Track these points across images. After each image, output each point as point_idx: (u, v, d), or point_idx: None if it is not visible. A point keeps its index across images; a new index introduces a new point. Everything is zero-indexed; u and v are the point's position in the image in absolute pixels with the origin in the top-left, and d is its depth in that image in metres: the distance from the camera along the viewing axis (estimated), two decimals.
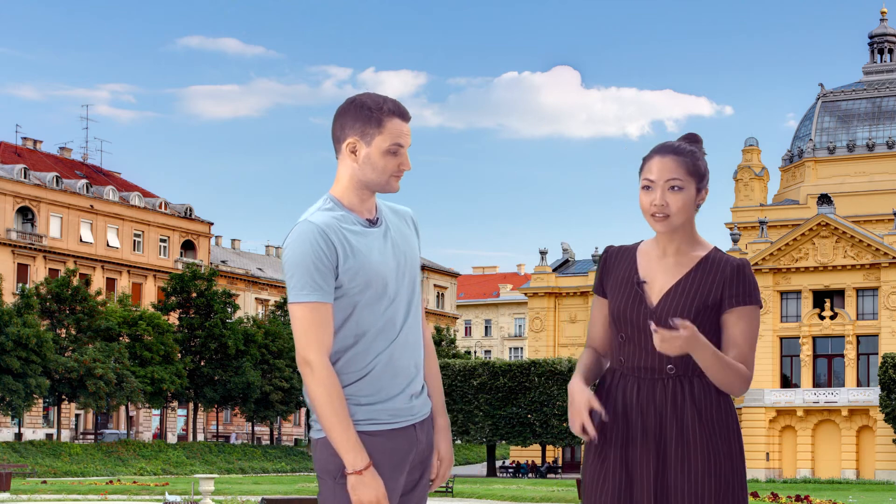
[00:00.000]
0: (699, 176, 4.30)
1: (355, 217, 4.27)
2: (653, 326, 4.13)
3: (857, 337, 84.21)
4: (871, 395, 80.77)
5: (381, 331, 4.25)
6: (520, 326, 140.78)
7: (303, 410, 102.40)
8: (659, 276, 4.33)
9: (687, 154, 4.31)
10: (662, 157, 4.30)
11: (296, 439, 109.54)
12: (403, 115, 4.27)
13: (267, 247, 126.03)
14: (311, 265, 4.15)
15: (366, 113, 4.24)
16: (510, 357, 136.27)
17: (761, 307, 4.32)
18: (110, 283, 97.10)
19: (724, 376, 4.19)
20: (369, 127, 4.24)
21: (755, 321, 4.28)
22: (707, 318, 4.26)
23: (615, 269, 4.42)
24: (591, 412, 4.31)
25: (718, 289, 4.27)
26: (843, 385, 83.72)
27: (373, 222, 4.30)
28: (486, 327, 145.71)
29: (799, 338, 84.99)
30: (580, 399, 4.30)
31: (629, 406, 4.32)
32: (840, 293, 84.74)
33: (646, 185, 4.30)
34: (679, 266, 4.32)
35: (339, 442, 4.14)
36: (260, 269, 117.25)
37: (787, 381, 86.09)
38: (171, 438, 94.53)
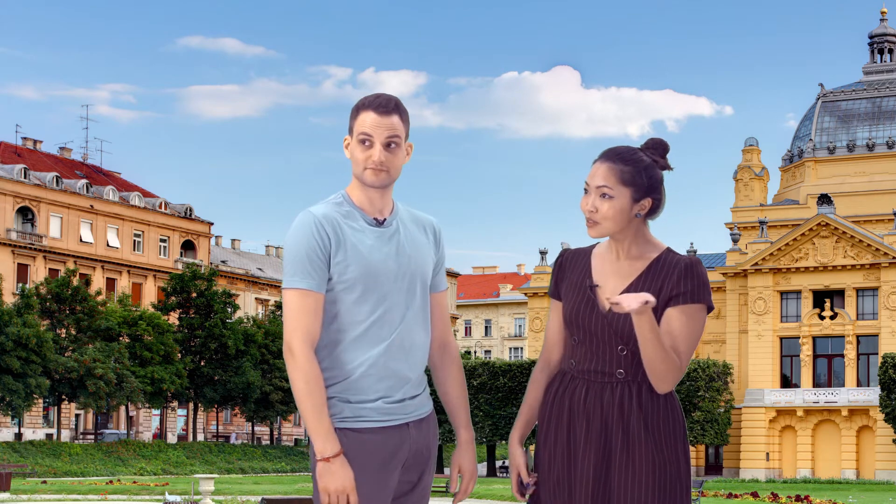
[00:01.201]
0: (636, 186, 4.25)
1: (361, 214, 4.30)
2: (606, 301, 4.15)
3: (857, 337, 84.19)
4: (871, 395, 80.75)
5: (370, 329, 4.26)
6: (520, 326, 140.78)
7: None
8: (611, 279, 4.33)
9: (627, 162, 4.26)
10: (601, 163, 4.28)
11: (296, 439, 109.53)
12: (378, 108, 4.30)
13: (267, 247, 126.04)
14: (305, 254, 4.20)
15: (353, 111, 4.35)
16: (510, 357, 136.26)
17: (711, 308, 4.26)
18: (110, 283, 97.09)
19: (659, 360, 4.14)
20: (351, 121, 4.35)
21: (699, 321, 4.22)
22: (658, 321, 4.23)
23: (570, 272, 4.42)
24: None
25: (668, 289, 4.24)
26: (843, 385, 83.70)
27: (381, 222, 4.32)
28: (486, 327, 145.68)
29: (799, 338, 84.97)
30: (513, 465, 4.42)
31: (576, 409, 4.34)
32: (840, 293, 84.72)
33: (584, 188, 4.31)
34: (631, 269, 4.32)
35: (311, 427, 4.18)
36: (260, 269, 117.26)
37: (787, 381, 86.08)
38: (171, 438, 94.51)
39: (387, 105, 4.31)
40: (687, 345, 4.20)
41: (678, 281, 4.24)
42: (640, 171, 4.26)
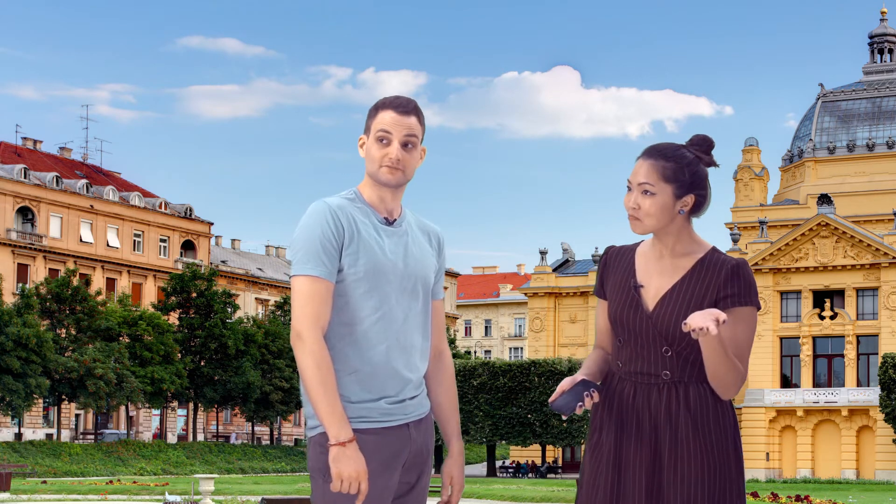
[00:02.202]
0: (679, 182, 4.22)
1: (372, 212, 4.33)
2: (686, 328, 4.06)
3: (857, 337, 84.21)
4: (871, 395, 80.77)
5: (374, 328, 4.26)
6: (520, 326, 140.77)
7: (302, 410, 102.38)
8: (655, 278, 4.29)
9: (669, 159, 4.24)
10: (644, 160, 4.26)
11: (296, 439, 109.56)
12: (398, 107, 4.35)
13: (267, 247, 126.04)
14: (318, 242, 4.21)
15: (371, 111, 4.38)
16: (510, 357, 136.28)
17: (759, 308, 4.27)
18: (110, 283, 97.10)
19: (727, 372, 4.15)
20: (369, 120, 4.38)
21: (753, 322, 4.22)
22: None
23: (614, 271, 4.38)
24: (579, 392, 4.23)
25: (715, 291, 4.22)
26: (843, 385, 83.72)
27: (391, 222, 4.35)
28: (486, 327, 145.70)
29: (799, 338, 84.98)
30: (567, 380, 4.27)
31: (625, 410, 4.30)
32: (840, 293, 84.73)
33: (628, 185, 4.29)
34: (676, 268, 4.28)
35: (323, 413, 4.15)
36: (260, 269, 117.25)
37: (787, 381, 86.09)
38: (171, 438, 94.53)
39: (406, 105, 4.36)
40: (745, 348, 4.20)
41: (725, 283, 4.22)
42: (683, 167, 4.23)
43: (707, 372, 4.18)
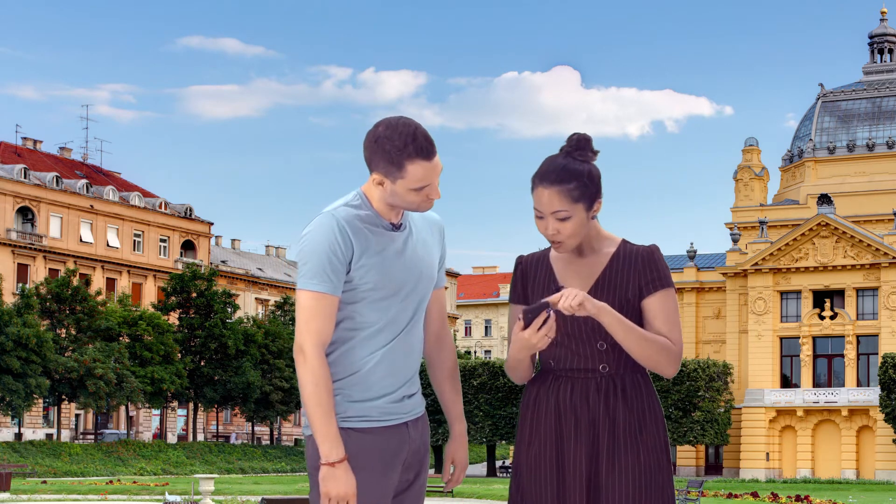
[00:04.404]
0: (587, 196, 4.29)
1: (379, 218, 4.30)
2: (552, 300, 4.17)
3: (857, 337, 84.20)
4: (871, 395, 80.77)
5: (382, 329, 4.28)
6: None
7: (303, 410, 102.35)
8: (576, 279, 4.38)
9: (571, 179, 4.27)
10: (546, 188, 4.28)
11: (296, 439, 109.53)
12: (427, 154, 4.20)
13: (267, 247, 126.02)
14: (325, 256, 4.19)
15: (388, 156, 4.20)
16: None
17: (674, 288, 4.39)
18: (110, 283, 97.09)
19: (643, 348, 4.24)
20: (392, 168, 4.21)
21: (673, 302, 4.34)
22: (630, 310, 4.31)
23: (533, 276, 4.47)
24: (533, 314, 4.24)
25: (635, 279, 4.33)
26: (843, 385, 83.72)
27: (396, 226, 4.33)
28: (486, 327, 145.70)
29: (799, 338, 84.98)
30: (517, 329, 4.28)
31: (563, 404, 4.36)
32: (840, 293, 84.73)
33: (537, 214, 4.34)
34: (593, 266, 4.38)
35: (318, 431, 4.18)
36: (260, 269, 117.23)
37: (787, 381, 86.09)
38: (171, 438, 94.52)
39: (430, 147, 4.21)
40: (674, 325, 4.32)
41: (643, 270, 4.34)
42: (584, 181, 4.30)
43: (630, 352, 4.27)
